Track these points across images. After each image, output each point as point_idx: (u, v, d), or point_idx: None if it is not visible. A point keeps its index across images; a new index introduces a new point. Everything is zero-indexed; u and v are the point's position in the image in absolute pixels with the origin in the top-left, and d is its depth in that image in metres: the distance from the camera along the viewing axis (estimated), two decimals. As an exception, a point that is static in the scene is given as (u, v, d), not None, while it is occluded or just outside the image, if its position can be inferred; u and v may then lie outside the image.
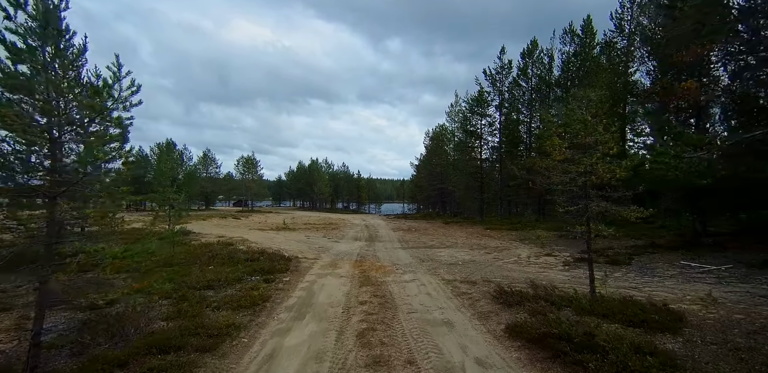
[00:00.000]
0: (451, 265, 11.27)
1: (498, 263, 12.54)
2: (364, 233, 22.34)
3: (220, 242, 15.38)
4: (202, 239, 18.22)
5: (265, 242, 16.94)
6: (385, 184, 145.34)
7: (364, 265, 10.72)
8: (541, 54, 27.80)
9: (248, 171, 60.61)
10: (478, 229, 25.39)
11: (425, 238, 20.37)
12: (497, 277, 9.48)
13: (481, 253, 15.11)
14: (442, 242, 18.44)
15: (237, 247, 14.04)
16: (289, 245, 16.25)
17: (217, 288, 7.51)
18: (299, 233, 21.99)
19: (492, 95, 29.51)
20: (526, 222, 26.01)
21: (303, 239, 19.16)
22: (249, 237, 19.10)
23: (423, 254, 13.89)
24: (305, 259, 11.67)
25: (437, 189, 44.04)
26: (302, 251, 13.67)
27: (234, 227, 26.45)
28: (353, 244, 17.25)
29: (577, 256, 15.13)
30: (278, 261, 10.48)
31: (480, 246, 17.33)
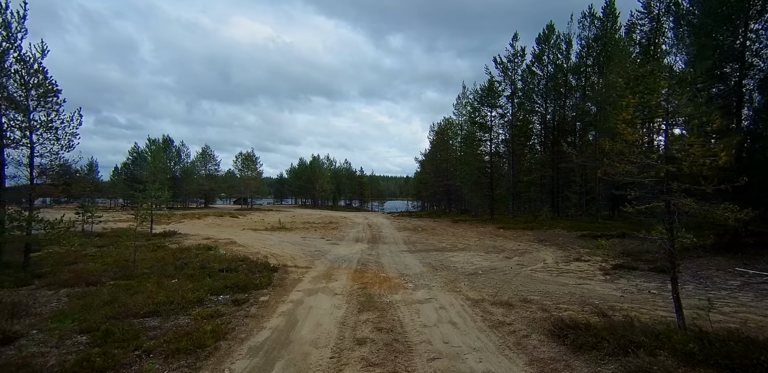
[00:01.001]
0: (471, 275, 9.30)
1: (524, 271, 10.56)
2: (366, 234, 20.40)
3: (201, 246, 13.48)
4: (186, 241, 16.33)
5: (255, 245, 15.03)
6: (388, 182, 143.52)
7: (366, 276, 8.77)
8: (558, 39, 25.64)
9: (247, 168, 58.74)
10: (490, 228, 23.39)
11: (433, 239, 18.40)
12: (534, 293, 7.50)
13: (499, 257, 13.13)
14: (453, 244, 16.47)
15: (217, 252, 12.13)
16: (281, 248, 14.33)
17: (165, 315, 5.58)
18: (295, 234, 20.06)
19: (503, 85, 27.40)
20: (542, 220, 23.98)
21: (298, 240, 17.23)
22: (238, 239, 17.19)
23: (434, 260, 11.93)
24: (295, 268, 9.73)
25: (443, 186, 42.01)
26: (294, 257, 11.73)
27: (227, 227, 24.58)
28: (354, 247, 15.31)
29: (611, 260, 13.16)
30: (260, 272, 8.54)
31: (496, 249, 15.35)
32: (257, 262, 10.01)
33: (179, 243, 15.44)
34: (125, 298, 6.43)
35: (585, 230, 20.61)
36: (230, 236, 18.74)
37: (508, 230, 22.29)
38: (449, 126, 42.73)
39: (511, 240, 18.28)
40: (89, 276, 8.53)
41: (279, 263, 10.41)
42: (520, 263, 12.08)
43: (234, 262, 9.79)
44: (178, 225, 25.82)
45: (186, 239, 17.33)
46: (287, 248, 14.44)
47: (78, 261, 10.83)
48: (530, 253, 14.54)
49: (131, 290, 7.16)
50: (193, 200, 65.85)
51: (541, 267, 11.40)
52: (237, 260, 10.11)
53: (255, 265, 9.33)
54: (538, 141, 26.18)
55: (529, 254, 14.06)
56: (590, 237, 18.68)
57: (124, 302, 6.13)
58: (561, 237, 19.20)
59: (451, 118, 42.38)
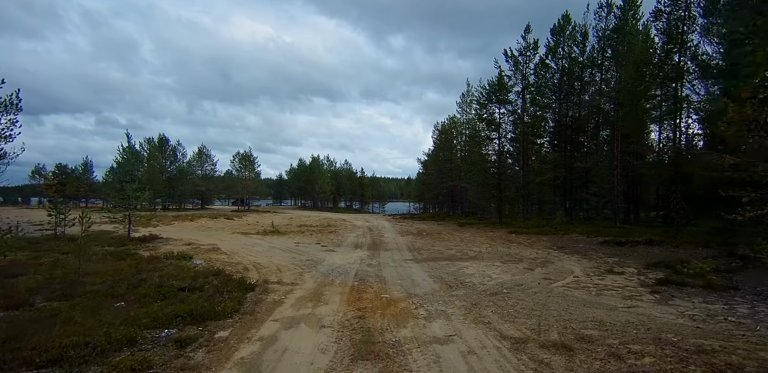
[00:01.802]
0: (495, 295, 7.52)
1: (556, 287, 8.80)
2: (366, 239, 18.63)
3: (176, 254, 11.72)
4: (164, 247, 14.59)
5: (240, 253, 13.28)
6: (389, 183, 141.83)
7: (364, 297, 7.00)
8: (574, 30, 23.91)
9: (245, 168, 57.03)
10: (501, 232, 21.61)
11: (440, 245, 16.63)
12: (586, 324, 5.73)
13: (519, 268, 11.36)
14: (463, 251, 14.70)
15: (191, 262, 10.38)
16: (269, 256, 12.57)
17: (70, 366, 3.85)
18: (288, 239, 18.30)
19: (514, 80, 25.64)
20: (557, 224, 22.19)
21: (290, 247, 15.47)
22: (223, 245, 15.45)
23: (445, 272, 10.15)
24: (278, 284, 7.96)
25: (447, 187, 40.24)
26: (280, 269, 9.96)
27: (217, 230, 22.84)
28: (352, 254, 13.54)
29: (649, 272, 11.40)
30: (230, 292, 6.77)
31: (513, 257, 13.57)
32: (233, 276, 8.25)
33: (155, 250, 13.69)
34: (33, 333, 4.67)
35: (605, 236, 18.82)
36: (216, 241, 16.99)
37: (521, 234, 20.50)
38: (454, 125, 40.99)
39: (526, 247, 16.50)
40: (18, 295, 6.79)
41: (260, 277, 8.64)
42: (546, 276, 10.30)
43: (204, 277, 8.03)
44: (165, 228, 24.11)
45: (166, 244, 15.59)
46: (276, 256, 12.68)
47: (23, 273, 9.09)
48: (552, 262, 12.76)
49: (59, 317, 5.43)
50: (190, 201, 64.17)
51: (573, 282, 9.63)
52: (209, 274, 8.36)
53: (229, 281, 7.56)
54: (551, 139, 24.35)
55: (552, 265, 12.28)
56: (613, 243, 16.91)
57: (26, 341, 4.38)
58: (581, 243, 17.42)
59: (456, 117, 40.68)
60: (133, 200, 16.94)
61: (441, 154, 44.73)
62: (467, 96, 38.79)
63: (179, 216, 36.40)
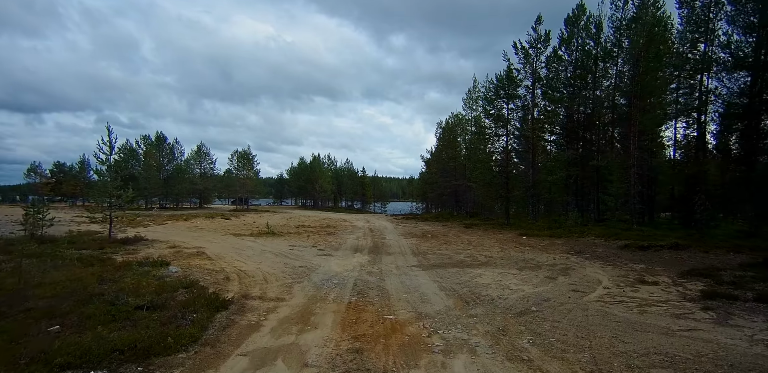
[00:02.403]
0: (524, 315, 6.18)
1: (590, 303, 7.46)
2: (366, 241, 17.31)
3: (152, 260, 10.42)
4: (145, 250, 13.30)
5: (226, 258, 11.97)
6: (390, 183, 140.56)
7: (363, 319, 5.67)
8: (589, 20, 22.53)
9: (244, 167, 55.78)
10: (510, 235, 20.25)
11: (447, 249, 15.29)
12: (653, 360, 4.38)
13: (539, 277, 10.02)
14: (473, 256, 13.36)
15: (166, 270, 9.08)
16: (258, 262, 11.26)
17: None
18: (284, 241, 16.99)
19: (523, 73, 24.28)
20: (570, 226, 20.82)
21: (284, 250, 14.16)
22: (210, 248, 14.15)
23: (457, 282, 8.81)
24: (260, 300, 6.63)
25: (451, 186, 38.88)
26: (267, 279, 8.64)
27: (209, 231, 21.56)
28: (351, 259, 12.22)
29: (685, 282, 10.07)
30: (196, 311, 5.45)
31: (528, 263, 12.23)
32: (207, 289, 6.94)
33: (133, 254, 12.39)
34: None
35: (625, 239, 17.46)
36: (204, 243, 15.70)
37: (532, 237, 19.15)
38: (458, 122, 39.62)
39: (540, 251, 15.15)
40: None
41: (241, 290, 7.32)
42: (573, 287, 8.97)
43: (173, 290, 6.72)
44: (155, 228, 22.83)
45: (149, 247, 14.30)
46: (266, 262, 11.37)
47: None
48: (574, 269, 11.43)
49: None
50: (188, 200, 62.99)
51: (606, 295, 8.29)
52: (180, 287, 7.03)
53: (199, 296, 6.23)
54: (563, 136, 22.95)
55: (575, 272, 10.94)
56: (635, 248, 15.54)
57: None
58: (599, 248, 16.06)
59: (461, 114, 39.31)
60: (116, 198, 15.65)
61: (444, 152, 43.39)
62: (473, 92, 37.48)
63: (174, 215, 35.20)
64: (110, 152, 15.35)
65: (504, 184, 25.64)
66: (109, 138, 15.18)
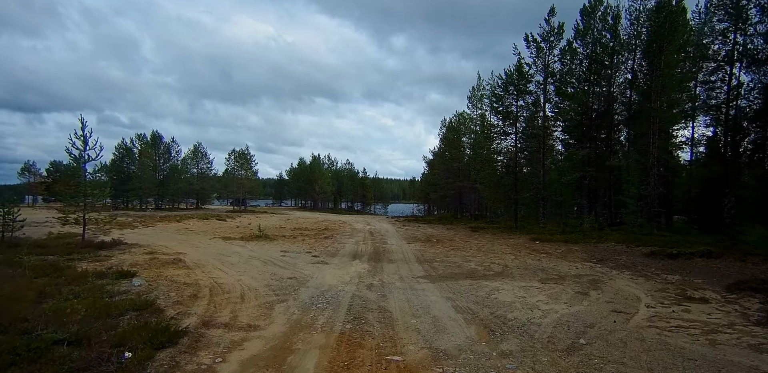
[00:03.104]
0: (573, 354, 4.71)
1: (641, 329, 6.01)
2: (366, 246, 15.85)
3: (118, 270, 8.98)
4: (120, 256, 11.87)
5: (206, 266, 10.53)
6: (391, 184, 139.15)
7: (359, 359, 4.21)
8: (607, 11, 21.11)
9: (241, 167, 54.35)
10: (522, 240, 18.78)
11: (456, 255, 13.83)
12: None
13: (569, 293, 8.55)
14: (486, 265, 11.89)
15: (128, 283, 7.64)
16: (242, 272, 9.82)
17: None
18: (276, 246, 15.54)
19: (534, 68, 22.85)
20: (586, 231, 19.33)
21: (275, 256, 12.71)
22: (193, 254, 12.71)
23: (474, 301, 7.35)
24: (225, 328, 5.17)
25: (455, 188, 37.41)
26: (244, 295, 7.19)
27: (198, 233, 20.12)
28: (348, 268, 10.77)
29: (738, 298, 8.62)
30: (132, 349, 4.01)
31: (550, 274, 10.76)
32: (164, 312, 5.50)
33: (103, 261, 10.96)
34: None
35: (648, 245, 15.97)
36: (188, 248, 14.25)
37: (546, 242, 17.68)
38: (462, 121, 38.17)
39: (559, 259, 13.68)
40: None
41: (206, 312, 5.86)
42: (611, 305, 7.51)
43: (119, 313, 5.27)
44: (142, 230, 21.42)
45: (124, 252, 12.85)
46: (250, 271, 9.92)
47: None
48: (603, 282, 9.96)
49: None
50: (184, 200, 61.61)
51: (656, 317, 6.83)
52: (130, 308, 5.59)
53: (145, 325, 4.78)
54: (577, 134, 21.48)
55: (605, 286, 9.48)
56: (663, 256, 14.06)
57: None
58: (623, 255, 14.58)
59: (465, 113, 37.87)
60: (91, 198, 14.24)
61: (448, 152, 41.95)
62: (477, 90, 36.08)
63: (168, 217, 33.74)
64: (84, 148, 13.92)
65: (512, 186, 24.17)
66: (82, 132, 13.78)
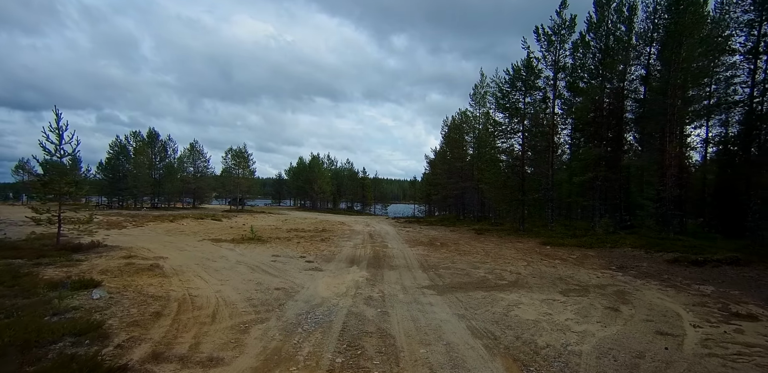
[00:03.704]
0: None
1: (701, 358, 4.88)
2: (366, 250, 14.71)
3: (80, 278, 7.86)
4: (91, 261, 10.74)
5: (186, 272, 9.41)
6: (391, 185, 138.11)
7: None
8: (623, 2, 19.99)
9: (239, 165, 53.21)
10: (531, 243, 17.64)
11: (462, 261, 12.68)
12: None
13: (598, 308, 7.42)
14: (497, 273, 10.75)
15: (85, 296, 6.51)
16: (224, 280, 8.69)
17: None
18: (268, 249, 14.41)
19: (544, 63, 21.73)
20: (600, 235, 18.17)
21: (265, 261, 11.58)
22: (176, 258, 11.59)
23: (492, 319, 6.23)
24: (179, 363, 4.06)
25: (458, 188, 36.28)
26: (218, 312, 6.06)
27: (188, 235, 19.01)
28: (344, 276, 9.64)
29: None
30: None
31: (570, 283, 9.62)
32: (110, 338, 4.38)
33: (73, 266, 9.83)
34: None
35: (669, 251, 14.83)
36: (171, 252, 13.12)
37: (557, 247, 16.55)
38: (465, 119, 37.05)
39: (575, 265, 12.54)
40: None
41: (164, 338, 4.73)
42: (651, 324, 6.39)
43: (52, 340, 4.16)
44: (131, 230, 20.34)
45: (101, 256, 11.72)
46: (234, 280, 8.79)
47: None
48: (631, 294, 8.83)
49: None
50: (182, 199, 60.51)
51: (710, 341, 5.70)
52: (69, 332, 4.47)
53: (82, 355, 3.67)
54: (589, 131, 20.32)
55: (635, 299, 8.34)
56: (687, 263, 12.93)
57: None
58: (643, 262, 13.44)
59: (468, 111, 36.74)
60: (66, 196, 13.13)
61: (449, 152, 40.86)
62: (480, 87, 34.94)
63: (161, 216, 32.64)
64: (59, 142, 12.80)
65: (519, 186, 23.04)
66: (57, 125, 12.65)
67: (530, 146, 23.03)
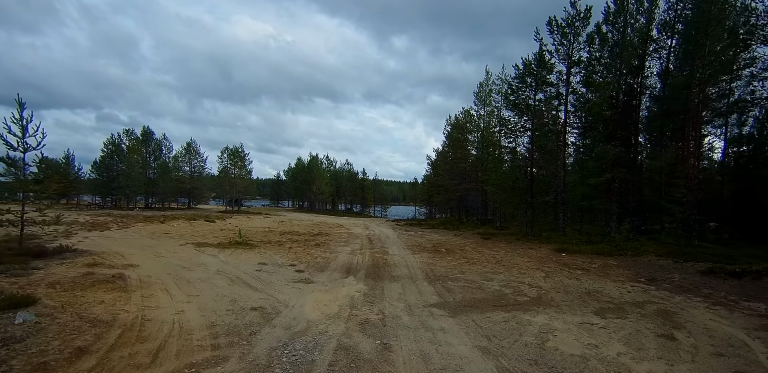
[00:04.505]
0: None
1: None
2: (364, 257, 13.30)
3: (13, 294, 6.46)
4: (49, 269, 9.33)
5: (152, 285, 8.00)
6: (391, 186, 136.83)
7: None
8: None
9: (235, 165, 51.83)
10: (544, 250, 16.24)
11: (472, 271, 11.25)
12: None
13: (649, 336, 5.99)
14: (514, 286, 9.33)
15: (2, 323, 5.10)
16: (193, 296, 7.29)
17: None
18: (255, 255, 12.99)
19: (557, 57, 20.41)
20: (618, 241, 16.76)
21: (248, 271, 10.18)
22: (147, 267, 10.18)
23: (525, 355, 4.82)
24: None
25: (461, 190, 34.90)
26: (165, 347, 4.67)
27: (172, 238, 17.59)
28: (337, 291, 8.23)
29: None
30: None
31: (601, 300, 8.18)
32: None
33: (24, 276, 8.42)
34: None
35: (699, 260, 13.43)
36: (145, 258, 11.71)
37: (574, 254, 15.15)
38: (470, 118, 35.70)
39: (599, 277, 11.12)
40: None
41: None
42: (727, 362, 4.96)
43: None
44: (112, 233, 18.92)
45: (64, 263, 10.30)
46: (205, 296, 7.39)
47: None
48: (677, 315, 7.40)
49: None
50: (177, 199, 59.09)
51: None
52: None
53: None
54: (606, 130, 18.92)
55: (685, 321, 6.92)
56: (725, 274, 11.52)
57: None
58: (674, 273, 12.00)
59: (473, 108, 35.36)
60: (30, 195, 11.74)
61: (452, 153, 39.54)
62: (486, 85, 33.63)
63: (152, 217, 31.23)
64: (23, 134, 11.40)
65: (528, 188, 21.67)
66: (20, 116, 11.26)
67: (540, 146, 21.66)
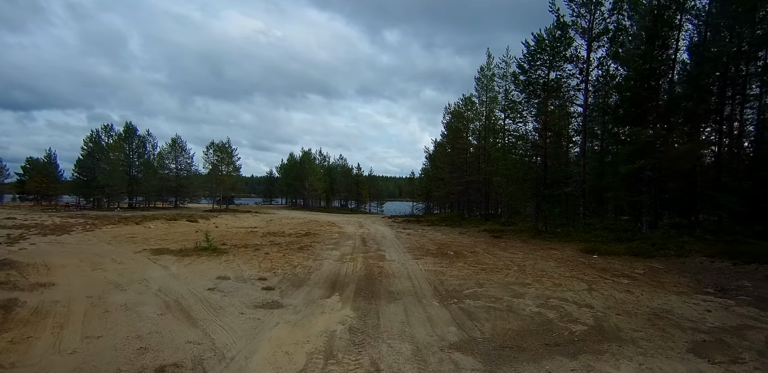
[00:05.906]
0: None
1: None
2: (355, 265, 10.79)
3: None
4: None
5: (40, 322, 5.46)
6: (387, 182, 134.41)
7: None
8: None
9: (222, 162, 49.04)
10: (568, 251, 13.83)
11: (493, 282, 8.77)
12: None
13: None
14: (555, 306, 6.84)
15: None
16: (90, 340, 4.77)
17: None
18: (218, 264, 10.46)
19: (576, 29, 17.88)
20: (656, 239, 14.37)
21: (198, 289, 7.66)
22: (68, 285, 7.63)
23: None
24: None
25: (462, 183, 32.47)
26: None
27: (134, 243, 15.01)
28: (311, 324, 5.72)
29: None
30: None
31: (688, 329, 5.58)
32: None
33: None
34: None
35: (760, 261, 11.07)
36: (79, 271, 9.15)
37: (607, 256, 12.71)
38: (471, 106, 33.15)
39: (652, 287, 8.67)
40: None
41: None
42: None
43: None
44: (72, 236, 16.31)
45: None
46: (108, 338, 4.87)
47: None
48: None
49: None
50: (165, 198, 56.25)
51: None
52: None
53: None
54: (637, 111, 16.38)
55: None
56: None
57: None
58: (742, 279, 9.54)
59: (473, 95, 32.79)
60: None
61: (450, 144, 37.11)
62: (488, 69, 31.08)
63: (130, 217, 28.61)
64: None
65: (542, 179, 19.22)
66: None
67: (556, 132, 19.19)
